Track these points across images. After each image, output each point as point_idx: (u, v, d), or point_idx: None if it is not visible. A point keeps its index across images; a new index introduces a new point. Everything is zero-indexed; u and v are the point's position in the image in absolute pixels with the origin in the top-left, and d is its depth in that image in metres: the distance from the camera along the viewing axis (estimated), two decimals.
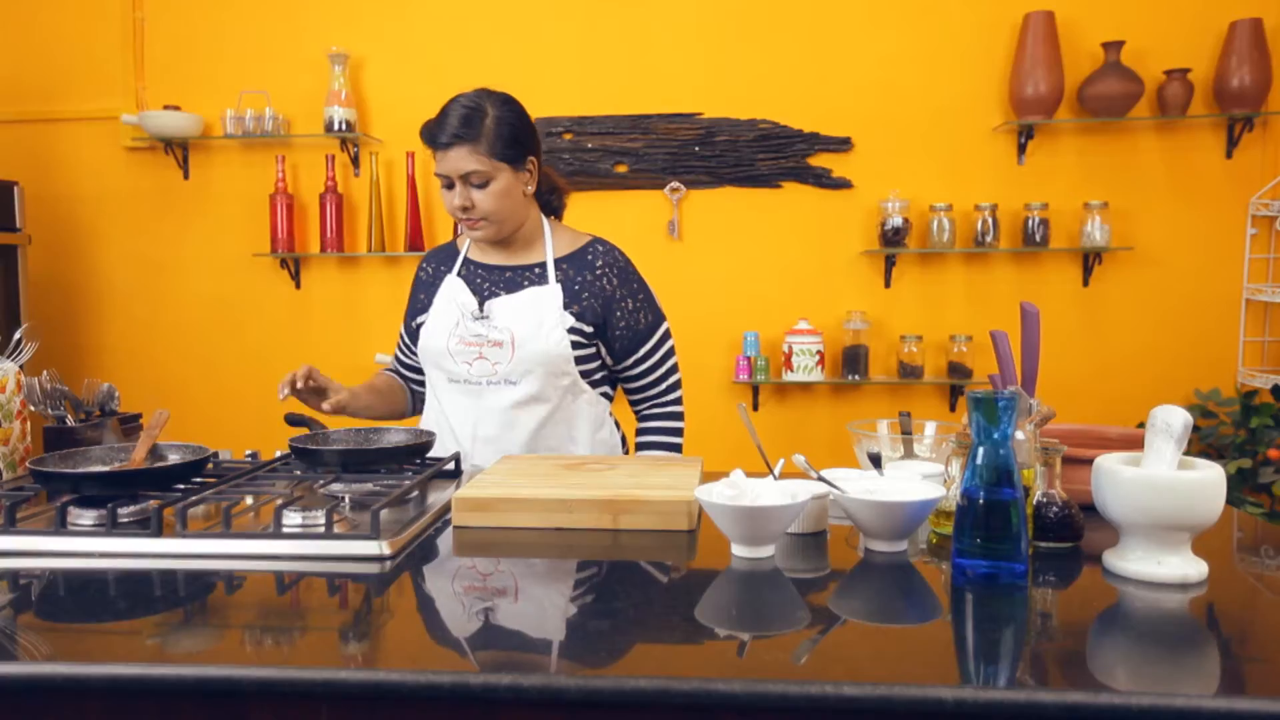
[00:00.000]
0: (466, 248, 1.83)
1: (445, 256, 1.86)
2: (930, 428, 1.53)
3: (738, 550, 1.14)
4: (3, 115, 3.27)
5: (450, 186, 1.68)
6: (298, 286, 3.42)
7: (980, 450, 1.03)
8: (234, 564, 1.12)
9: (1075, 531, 1.15)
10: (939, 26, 3.13)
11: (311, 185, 3.38)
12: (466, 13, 3.27)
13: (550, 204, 1.87)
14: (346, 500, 1.32)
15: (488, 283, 1.76)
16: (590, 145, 3.23)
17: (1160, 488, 1.00)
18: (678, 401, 1.87)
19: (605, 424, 1.82)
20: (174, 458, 1.38)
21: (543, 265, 1.76)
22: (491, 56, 3.26)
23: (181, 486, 1.30)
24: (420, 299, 1.83)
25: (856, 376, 3.13)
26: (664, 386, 1.84)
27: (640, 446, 1.87)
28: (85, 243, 3.48)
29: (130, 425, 1.71)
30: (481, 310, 1.72)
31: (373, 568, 1.10)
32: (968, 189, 3.15)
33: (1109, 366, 3.15)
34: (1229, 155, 3.04)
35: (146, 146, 3.40)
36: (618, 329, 1.76)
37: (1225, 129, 3.03)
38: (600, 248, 1.79)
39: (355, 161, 3.36)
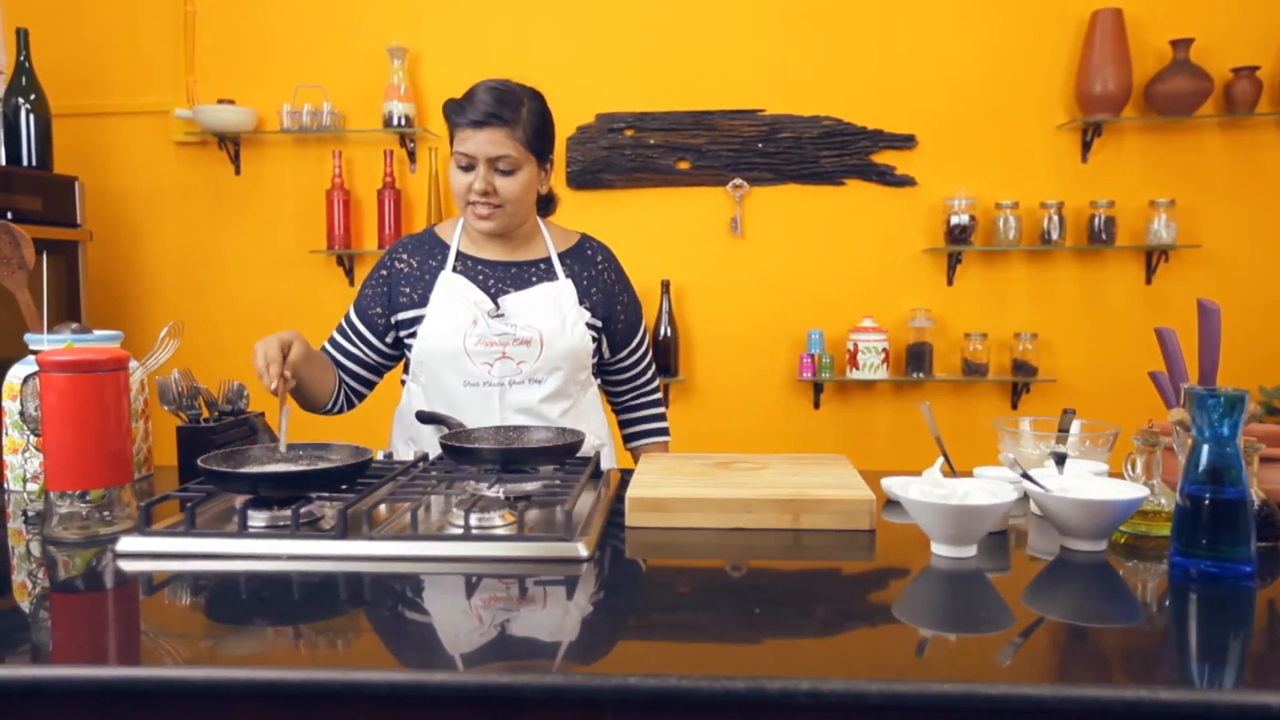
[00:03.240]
0: (457, 240, 1.73)
1: (429, 249, 1.73)
2: (1075, 425, 1.52)
3: (940, 550, 1.12)
4: (53, 109, 3.21)
5: (468, 169, 1.60)
6: (351, 284, 3.39)
7: (1204, 449, 1.02)
8: (429, 566, 1.10)
9: (1277, 531, 1.14)
10: (1003, 23, 3.12)
11: (365, 181, 3.35)
12: (526, 6, 3.24)
13: (547, 205, 1.83)
14: (502, 498, 1.30)
15: (492, 279, 1.69)
16: (652, 141, 3.20)
17: None
18: (659, 389, 1.95)
19: (602, 415, 1.85)
20: (334, 457, 1.35)
21: (547, 260, 1.73)
22: (551, 51, 3.24)
23: (347, 488, 1.28)
24: (405, 293, 1.69)
25: (921, 374, 3.13)
26: (649, 375, 1.93)
27: (632, 437, 1.93)
28: (135, 238, 3.44)
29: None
30: (498, 308, 1.65)
31: (574, 569, 1.08)
32: (1030, 187, 3.14)
33: None
34: None
35: (197, 141, 3.36)
36: (619, 321, 1.81)
37: None
38: (594, 243, 1.82)
39: (412, 157, 3.33)
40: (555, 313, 1.67)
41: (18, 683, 0.81)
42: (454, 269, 1.69)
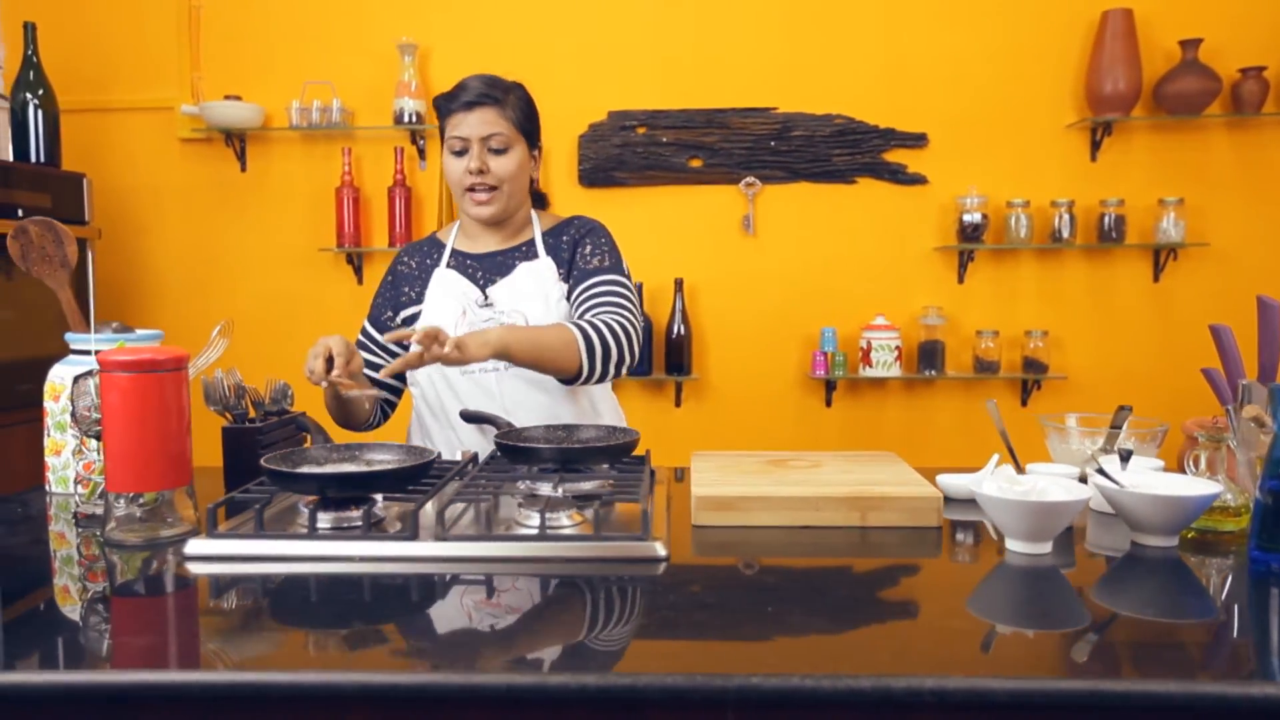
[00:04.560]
0: (452, 239, 1.77)
1: (427, 250, 1.78)
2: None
3: (1015, 546, 1.13)
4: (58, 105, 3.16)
5: (462, 153, 1.64)
6: (360, 282, 3.36)
7: None
8: (505, 567, 1.08)
9: None
10: (1014, 23, 3.14)
11: (375, 178, 3.32)
12: (538, 2, 3.22)
13: (539, 203, 1.84)
14: (562, 496, 1.28)
15: (481, 271, 1.71)
16: (664, 139, 3.20)
17: None
18: (617, 323, 1.58)
19: (615, 404, 1.83)
20: (393, 457, 1.33)
21: (530, 243, 1.74)
22: (563, 48, 3.22)
23: (412, 488, 1.26)
24: (405, 292, 1.75)
25: (933, 372, 3.14)
26: (607, 299, 1.64)
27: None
28: (140, 235, 3.39)
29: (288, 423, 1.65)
30: (486, 298, 1.68)
31: (652, 569, 1.08)
32: (1040, 185, 3.16)
33: (1179, 361, 3.18)
34: None
35: (203, 138, 3.31)
36: (575, 270, 1.70)
37: None
38: (579, 219, 1.78)
39: (423, 154, 3.30)
40: (539, 292, 1.67)
41: (124, 688, 0.80)
42: (448, 265, 1.73)
